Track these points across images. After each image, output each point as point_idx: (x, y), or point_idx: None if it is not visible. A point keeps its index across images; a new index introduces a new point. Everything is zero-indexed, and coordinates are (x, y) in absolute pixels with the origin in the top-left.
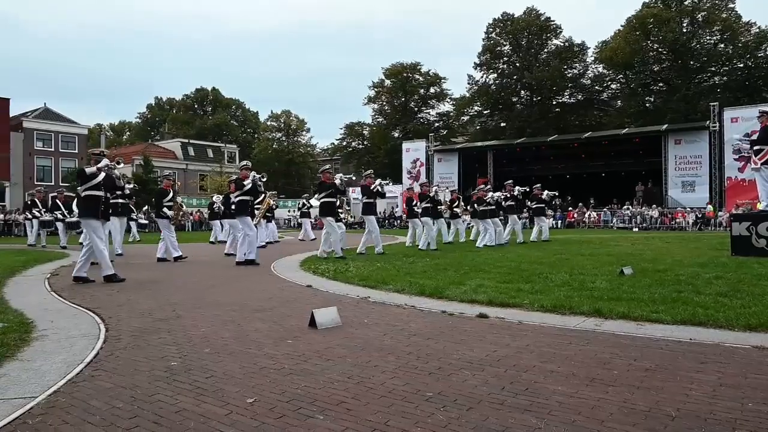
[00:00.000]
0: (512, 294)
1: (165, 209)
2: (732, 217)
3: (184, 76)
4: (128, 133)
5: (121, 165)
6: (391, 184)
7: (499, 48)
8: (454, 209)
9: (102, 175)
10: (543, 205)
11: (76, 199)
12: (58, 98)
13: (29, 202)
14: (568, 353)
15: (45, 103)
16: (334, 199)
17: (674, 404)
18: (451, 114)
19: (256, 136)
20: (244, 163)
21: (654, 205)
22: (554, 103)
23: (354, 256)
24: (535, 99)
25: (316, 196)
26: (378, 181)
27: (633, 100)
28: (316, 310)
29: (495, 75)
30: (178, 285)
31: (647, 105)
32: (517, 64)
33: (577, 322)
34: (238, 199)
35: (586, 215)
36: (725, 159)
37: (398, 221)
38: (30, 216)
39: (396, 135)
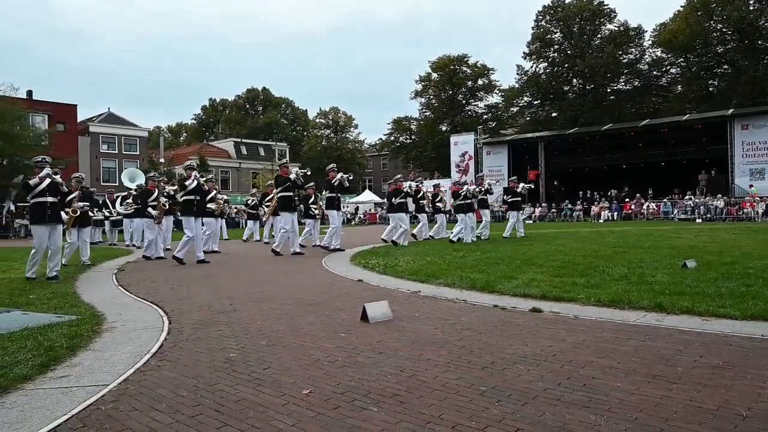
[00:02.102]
0: (567, 288)
1: (149, 209)
2: None
3: (236, 78)
4: (185, 134)
5: (58, 175)
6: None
7: (549, 36)
8: (437, 204)
9: (47, 181)
10: (519, 199)
11: (119, 199)
12: (121, 103)
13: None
14: (628, 349)
15: (109, 108)
16: (290, 194)
17: (745, 403)
18: (500, 105)
19: (305, 133)
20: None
21: (719, 195)
22: (608, 90)
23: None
24: (588, 87)
25: (274, 190)
26: (339, 175)
27: (694, 85)
28: (367, 304)
29: (545, 64)
30: (234, 280)
31: (710, 89)
32: (569, 52)
33: (637, 317)
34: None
35: (645, 206)
36: None
37: (447, 215)
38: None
39: (444, 128)
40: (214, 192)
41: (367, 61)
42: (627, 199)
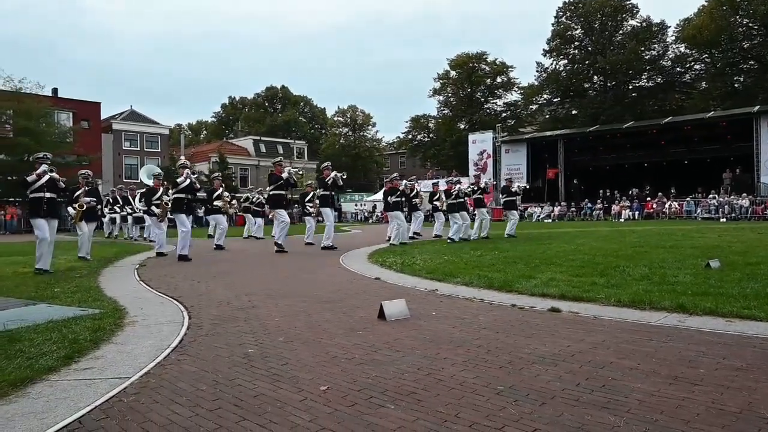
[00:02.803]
0: (586, 288)
1: (153, 207)
2: None
3: (256, 76)
4: (205, 132)
5: (53, 171)
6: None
7: (569, 32)
8: (434, 202)
9: (45, 178)
10: (514, 199)
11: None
12: (143, 101)
13: (119, 198)
14: (649, 350)
15: (131, 106)
16: (283, 192)
17: None
18: (519, 103)
19: (323, 131)
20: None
21: (744, 194)
22: (630, 87)
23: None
24: (609, 84)
25: (267, 188)
26: (333, 173)
27: (719, 81)
28: (385, 302)
29: (565, 61)
30: (252, 276)
31: (735, 86)
32: (590, 49)
33: (658, 318)
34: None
35: (667, 205)
36: None
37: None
38: (120, 211)
39: (462, 127)
40: (221, 189)
41: (385, 59)
42: (648, 198)
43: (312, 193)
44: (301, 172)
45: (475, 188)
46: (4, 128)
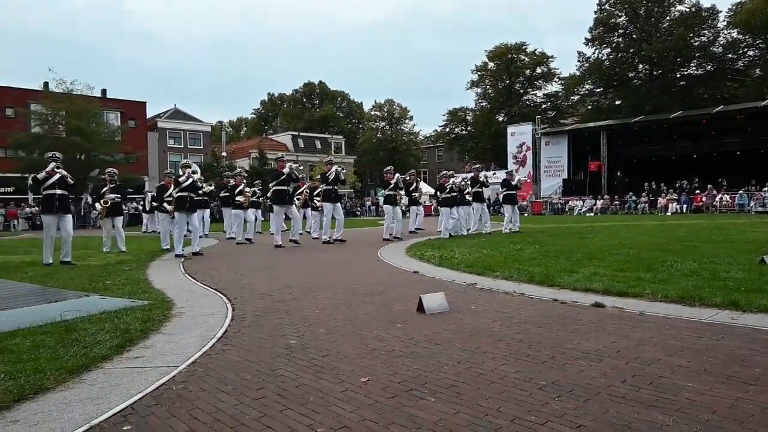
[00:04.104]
0: (631, 283)
1: (165, 204)
2: None
3: (294, 72)
4: (245, 128)
5: (61, 168)
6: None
7: (613, 20)
8: (413, 194)
9: (56, 176)
10: (514, 193)
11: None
12: (185, 99)
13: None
14: (699, 348)
15: (174, 105)
16: (285, 187)
17: None
18: (560, 94)
19: (360, 126)
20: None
21: None
22: (678, 76)
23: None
24: (655, 73)
25: (270, 184)
26: (334, 168)
27: None
28: (424, 296)
29: (609, 50)
30: (293, 270)
31: None
32: (635, 36)
33: (709, 315)
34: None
35: (717, 199)
36: None
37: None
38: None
39: (500, 119)
40: (242, 185)
41: (422, 53)
42: (698, 191)
43: (311, 187)
44: (295, 166)
45: (466, 182)
46: (57, 128)
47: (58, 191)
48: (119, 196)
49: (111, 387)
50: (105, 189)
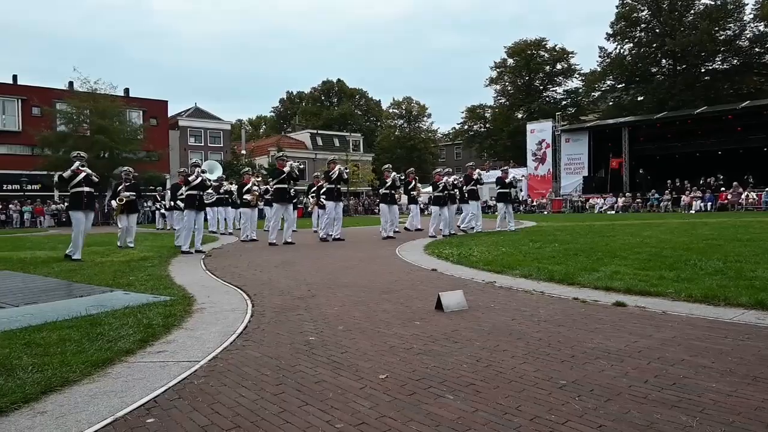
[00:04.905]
0: (654, 282)
1: (178, 202)
2: None
3: (312, 70)
4: (264, 126)
5: (86, 166)
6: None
7: (635, 14)
8: (411, 193)
9: (82, 174)
10: (507, 191)
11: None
12: (206, 98)
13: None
14: (723, 348)
15: (195, 103)
16: (286, 185)
17: None
18: (580, 90)
19: (378, 123)
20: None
21: None
22: (702, 70)
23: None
24: (678, 68)
25: (270, 183)
26: (337, 168)
27: None
28: (442, 293)
29: (631, 44)
30: (311, 267)
31: None
32: (657, 31)
33: (734, 315)
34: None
35: (743, 196)
36: None
37: (523, 206)
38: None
39: (519, 116)
40: (250, 183)
41: (440, 50)
42: (723, 188)
43: (319, 185)
44: (296, 164)
45: (459, 181)
46: (82, 127)
47: (86, 189)
48: (134, 193)
49: (134, 380)
50: (121, 187)
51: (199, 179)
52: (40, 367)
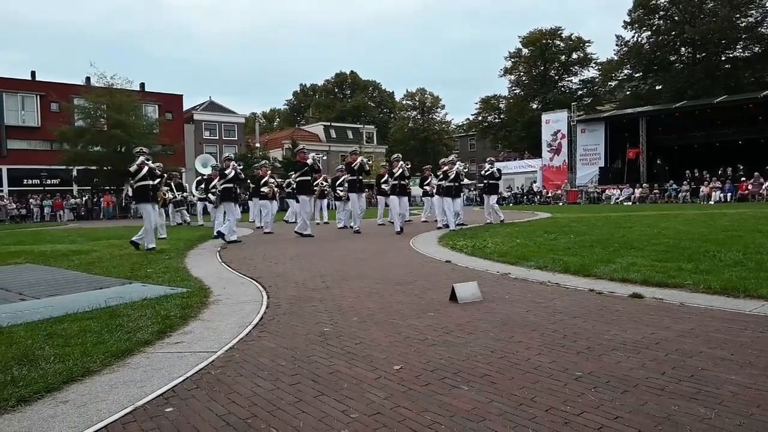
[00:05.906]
0: (671, 273)
1: (209, 195)
2: None
3: (325, 62)
4: (278, 119)
5: (150, 160)
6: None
7: (654, 1)
8: (424, 187)
9: (145, 168)
10: (497, 182)
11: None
12: (220, 91)
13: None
14: (743, 340)
15: (210, 97)
16: (308, 178)
17: None
18: (597, 80)
19: (392, 115)
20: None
21: None
22: (723, 59)
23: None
24: (698, 56)
25: (293, 176)
26: (359, 159)
27: None
28: (456, 285)
29: (649, 33)
30: (325, 259)
31: None
32: (676, 18)
33: (754, 307)
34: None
35: (764, 186)
36: None
37: (538, 197)
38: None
39: (534, 106)
40: (267, 176)
41: (454, 41)
42: (743, 178)
43: (342, 177)
44: (318, 157)
45: (448, 175)
46: (99, 122)
47: (150, 182)
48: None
49: (153, 371)
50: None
51: (234, 173)
52: (61, 357)
